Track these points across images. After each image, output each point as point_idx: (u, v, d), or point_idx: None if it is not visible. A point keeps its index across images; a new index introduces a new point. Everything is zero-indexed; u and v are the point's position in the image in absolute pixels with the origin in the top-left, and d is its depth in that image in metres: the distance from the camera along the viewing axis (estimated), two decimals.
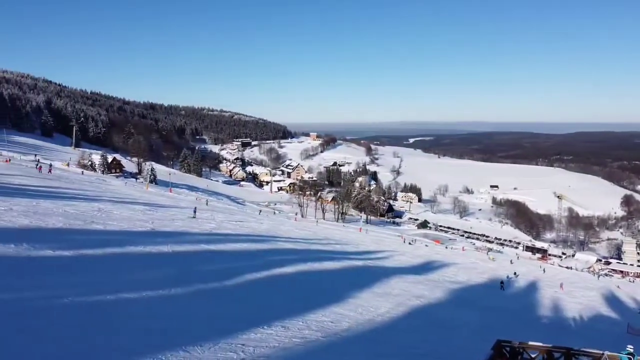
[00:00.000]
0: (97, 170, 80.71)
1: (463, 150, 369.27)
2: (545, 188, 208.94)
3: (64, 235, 15.86)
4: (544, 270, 57.01)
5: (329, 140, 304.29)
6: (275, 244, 26.89)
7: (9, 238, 13.11)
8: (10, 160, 55.90)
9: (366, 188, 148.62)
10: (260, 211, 73.51)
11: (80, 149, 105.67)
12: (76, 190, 35.29)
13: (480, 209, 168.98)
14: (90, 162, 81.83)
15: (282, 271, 18.24)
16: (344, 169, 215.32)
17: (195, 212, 34.66)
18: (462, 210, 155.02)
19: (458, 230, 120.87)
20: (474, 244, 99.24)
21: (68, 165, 71.43)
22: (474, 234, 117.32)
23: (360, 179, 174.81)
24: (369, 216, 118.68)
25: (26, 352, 6.30)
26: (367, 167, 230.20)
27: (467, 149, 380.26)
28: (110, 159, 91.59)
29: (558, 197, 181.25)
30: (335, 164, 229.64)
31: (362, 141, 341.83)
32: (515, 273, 43.55)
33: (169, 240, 18.96)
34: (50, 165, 57.75)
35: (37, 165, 53.77)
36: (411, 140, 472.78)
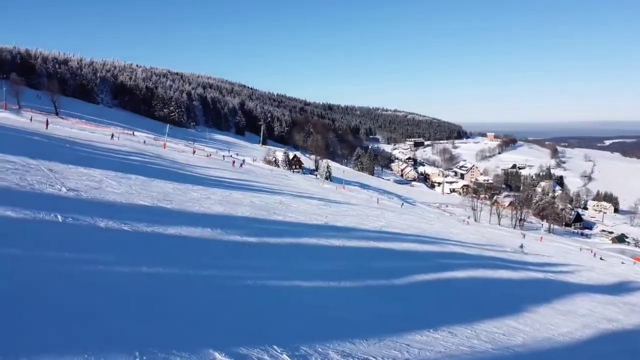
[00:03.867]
0: (280, 166, 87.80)
1: None
2: None
3: (250, 223, 17.62)
4: None
5: (508, 141, 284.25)
6: (445, 247, 26.10)
7: (207, 222, 15.12)
8: (210, 155, 63.98)
9: (550, 194, 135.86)
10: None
11: (267, 146, 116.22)
12: (262, 184, 38.91)
13: None
14: (274, 159, 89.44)
15: (451, 275, 17.63)
16: (524, 172, 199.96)
17: (522, 247, 36.73)
18: None
19: None
20: None
21: (254, 160, 79.11)
22: None
23: (543, 183, 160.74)
24: (551, 225, 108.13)
25: (216, 323, 7.16)
26: (552, 171, 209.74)
27: None
28: (291, 156, 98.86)
29: None
30: (514, 166, 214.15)
31: (546, 142, 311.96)
32: None
33: (340, 234, 19.72)
34: (243, 160, 64.93)
35: (232, 160, 60.81)
36: (607, 142, 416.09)
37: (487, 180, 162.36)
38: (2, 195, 12.41)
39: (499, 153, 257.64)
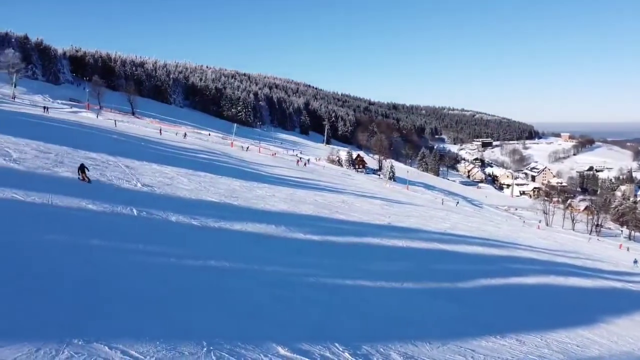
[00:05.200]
0: (343, 165, 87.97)
1: None
2: None
3: (313, 221, 17.80)
4: None
5: (585, 142, 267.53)
6: (514, 251, 25.10)
7: (271, 220, 15.48)
8: (275, 154, 65.20)
9: (631, 198, 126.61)
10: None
11: (330, 145, 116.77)
12: (325, 183, 39.19)
13: None
14: (337, 158, 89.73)
15: (519, 281, 16.94)
16: (602, 175, 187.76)
17: (637, 263, 34.45)
18: None
19: None
20: None
21: (318, 159, 79.74)
22: None
23: (623, 187, 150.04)
24: (632, 231, 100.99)
25: (280, 319, 7.30)
26: (634, 174, 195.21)
27: None
28: (354, 156, 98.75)
29: None
30: (591, 168, 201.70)
31: (628, 143, 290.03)
32: None
33: (403, 235, 19.49)
34: (308, 160, 65.81)
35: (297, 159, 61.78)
36: None
37: (561, 183, 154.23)
38: (85, 189, 13.33)
39: (574, 154, 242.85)
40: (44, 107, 46.61)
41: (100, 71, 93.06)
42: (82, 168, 14.58)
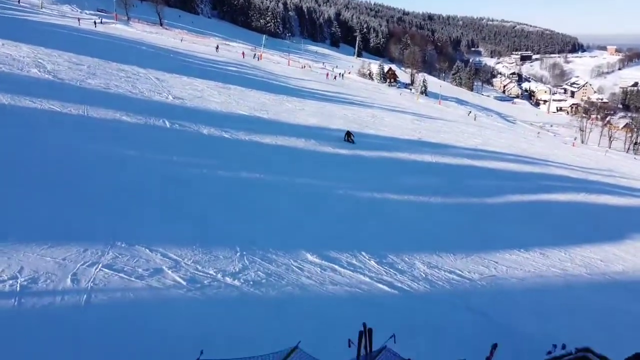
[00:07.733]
0: (374, 79, 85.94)
1: None
2: None
3: (342, 136, 17.79)
4: None
5: (632, 56, 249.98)
6: (546, 169, 24.75)
7: (300, 133, 15.59)
8: (305, 66, 63.92)
9: None
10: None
11: (361, 58, 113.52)
12: (355, 97, 38.60)
13: None
14: (368, 71, 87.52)
15: (549, 197, 16.88)
16: None
17: None
18: None
19: None
20: None
21: (349, 73, 77.93)
22: None
23: None
24: None
25: (308, 229, 7.58)
26: None
27: None
28: (386, 69, 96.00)
29: None
30: (635, 84, 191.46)
31: None
32: None
33: (433, 151, 19.39)
34: (342, 74, 64.60)
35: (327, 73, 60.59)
36: None
37: (601, 99, 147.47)
38: (118, 101, 13.53)
39: (619, 69, 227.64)
40: (96, 22, 46.68)
41: None
42: (349, 133, 16.56)
